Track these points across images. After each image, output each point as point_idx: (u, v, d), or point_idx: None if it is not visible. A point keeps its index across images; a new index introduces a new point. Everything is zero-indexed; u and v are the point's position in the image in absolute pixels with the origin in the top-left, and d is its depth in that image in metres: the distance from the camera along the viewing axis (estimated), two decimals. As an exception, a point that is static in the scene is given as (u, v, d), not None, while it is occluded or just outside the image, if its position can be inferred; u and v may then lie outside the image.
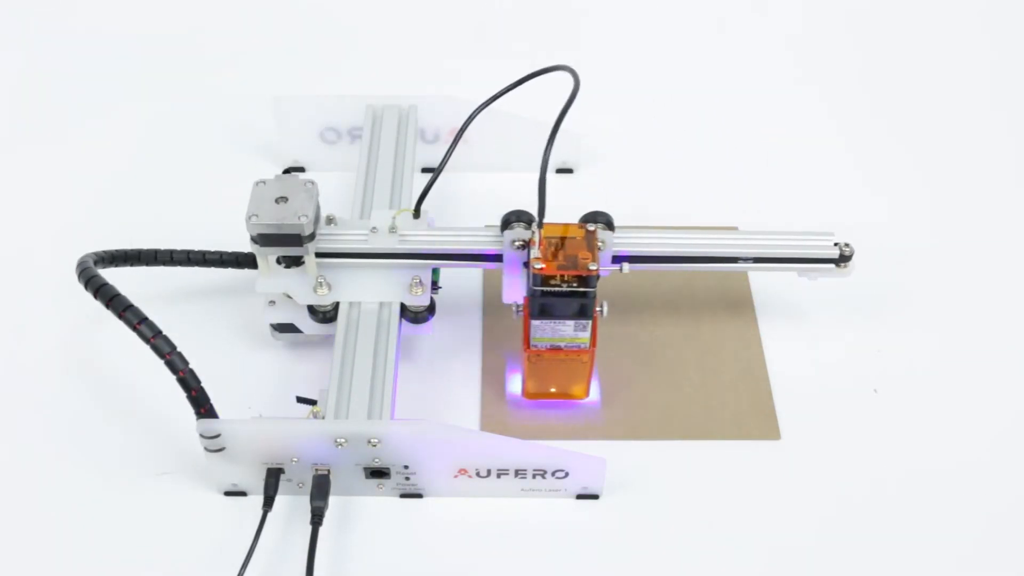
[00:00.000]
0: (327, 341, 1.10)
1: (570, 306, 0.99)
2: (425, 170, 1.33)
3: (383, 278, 1.09)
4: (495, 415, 1.08)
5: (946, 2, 1.57)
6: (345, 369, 1.02)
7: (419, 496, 1.02)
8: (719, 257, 1.08)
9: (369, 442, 0.96)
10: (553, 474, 1.00)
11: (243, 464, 0.99)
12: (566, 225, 1.01)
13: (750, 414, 1.09)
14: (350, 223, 1.10)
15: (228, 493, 1.02)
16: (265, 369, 1.12)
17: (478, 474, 1.00)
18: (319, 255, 1.07)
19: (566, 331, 1.01)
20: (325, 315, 1.08)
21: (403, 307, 1.08)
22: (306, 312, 1.09)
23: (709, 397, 1.10)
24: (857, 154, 1.37)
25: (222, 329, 1.15)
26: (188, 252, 1.11)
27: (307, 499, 0.98)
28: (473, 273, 1.21)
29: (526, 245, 1.03)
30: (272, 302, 1.10)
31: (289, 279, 1.08)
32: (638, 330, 1.16)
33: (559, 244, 0.99)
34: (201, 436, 0.96)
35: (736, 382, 1.12)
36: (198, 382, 0.94)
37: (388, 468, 0.99)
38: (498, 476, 1.00)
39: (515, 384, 1.10)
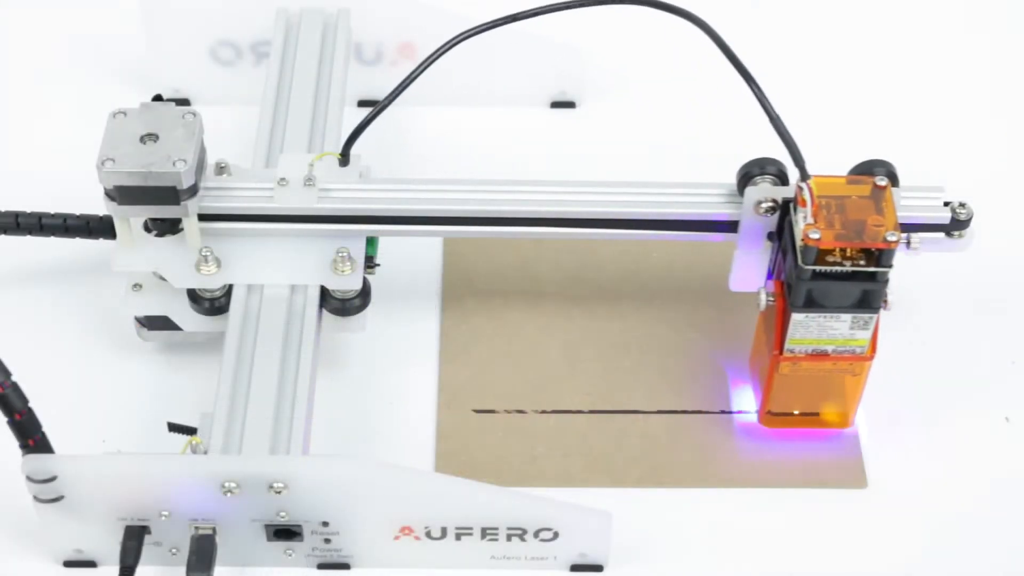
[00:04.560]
0: (215, 342, 1.10)
1: (850, 293, 1.01)
2: (363, 103, 1.35)
3: (295, 251, 1.10)
4: (457, 449, 1.10)
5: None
6: (239, 382, 1.03)
7: (344, 567, 1.02)
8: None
9: (272, 487, 0.95)
10: (537, 535, 1.00)
11: (91, 521, 0.98)
12: (834, 179, 1.03)
13: (823, 451, 1.10)
14: (249, 173, 1.12)
15: (69, 564, 1.02)
16: (126, 382, 1.13)
17: (429, 535, 1.00)
18: (204, 218, 1.08)
19: (839, 329, 1.02)
20: (213, 304, 1.09)
21: (324, 293, 1.09)
22: (185, 300, 1.09)
23: (766, 427, 1.11)
24: (973, 92, 1.39)
25: (67, 325, 1.17)
26: (40, 216, 1.13)
27: (183, 572, 0.97)
28: (428, 244, 1.23)
29: (777, 208, 1.05)
30: (137, 286, 1.11)
31: (161, 252, 1.09)
32: (663, 330, 1.17)
33: (834, 206, 1.00)
34: (29, 479, 0.95)
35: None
36: (25, 402, 0.93)
37: (299, 526, 0.99)
38: (458, 538, 1.00)
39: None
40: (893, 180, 1.06)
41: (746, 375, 1.12)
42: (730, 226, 1.09)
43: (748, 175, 1.07)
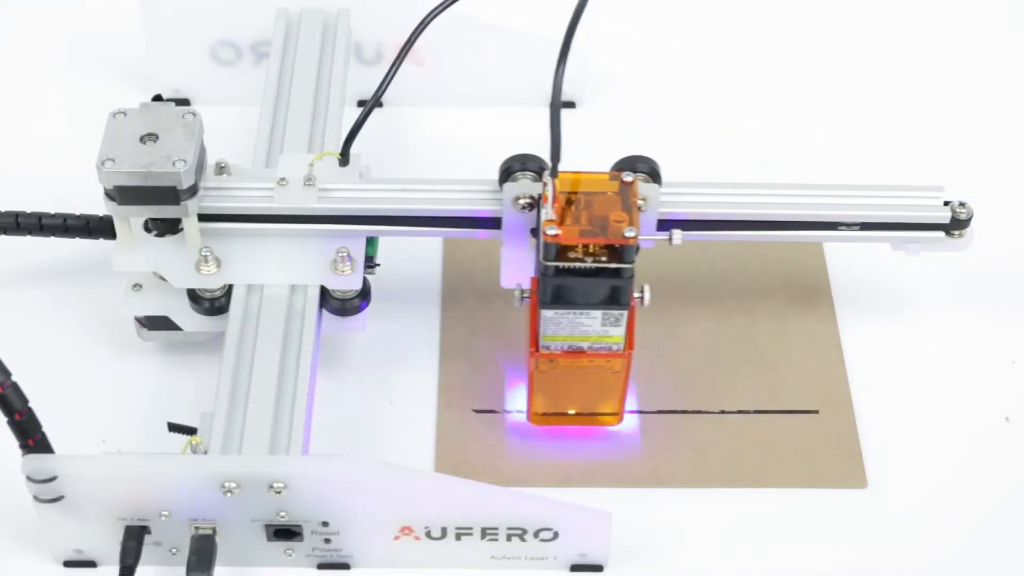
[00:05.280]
0: (215, 342, 1.10)
1: (598, 290, 1.00)
2: (362, 103, 1.34)
3: (296, 251, 1.10)
4: (457, 449, 1.09)
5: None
6: (239, 382, 1.03)
7: (344, 567, 1.02)
8: (824, 223, 1.09)
9: (271, 487, 0.95)
10: (537, 535, 0.99)
11: (91, 521, 0.98)
12: (592, 175, 1.02)
13: (824, 450, 1.09)
14: (249, 173, 1.12)
15: (69, 564, 1.02)
16: (126, 382, 1.13)
17: (428, 535, 0.99)
18: (204, 218, 1.08)
19: (591, 326, 1.00)
20: (213, 304, 1.08)
21: (324, 293, 1.09)
22: (185, 300, 1.09)
23: (767, 426, 1.11)
24: (968, 96, 1.39)
25: (67, 325, 1.16)
26: (40, 216, 1.12)
27: (183, 571, 0.97)
28: (429, 245, 1.22)
29: (535, 204, 1.04)
30: (137, 286, 1.10)
31: (161, 252, 1.09)
32: (670, 329, 1.17)
33: (583, 202, 1.00)
34: (29, 479, 0.94)
35: (805, 402, 1.12)
36: (25, 402, 0.93)
37: (299, 526, 0.98)
38: (458, 537, 1.00)
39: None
40: (654, 177, 1.06)
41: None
42: (495, 223, 1.08)
43: (509, 170, 1.07)
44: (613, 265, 0.98)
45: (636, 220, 0.99)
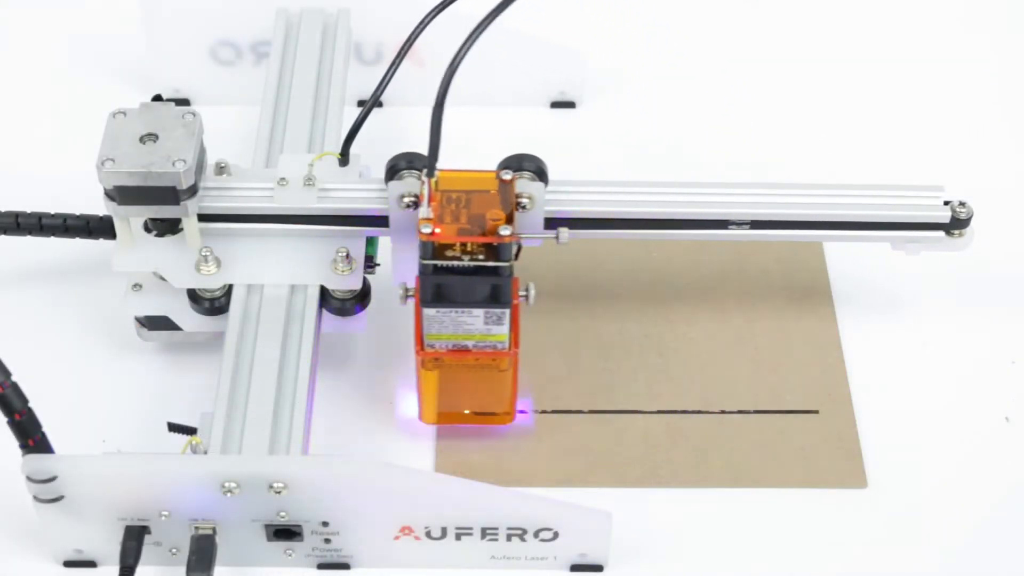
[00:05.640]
0: (215, 342, 1.10)
1: (478, 288, 1.00)
2: (362, 103, 1.32)
3: (295, 251, 1.09)
4: (457, 449, 1.09)
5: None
6: (239, 382, 1.03)
7: (344, 567, 1.02)
8: (714, 220, 1.09)
9: (271, 487, 0.95)
10: (537, 535, 0.99)
11: (91, 521, 0.98)
12: (475, 173, 1.02)
13: (824, 450, 1.09)
14: (249, 173, 1.11)
15: (69, 564, 1.02)
16: (126, 382, 1.13)
17: (429, 535, 0.99)
18: (204, 218, 1.08)
19: (474, 324, 1.01)
20: (213, 304, 1.08)
21: (324, 292, 1.08)
22: (185, 300, 1.09)
23: (767, 426, 1.11)
24: (968, 96, 1.39)
25: (67, 325, 1.16)
26: (40, 216, 1.12)
27: (183, 571, 0.97)
28: None
29: (419, 203, 1.05)
30: (137, 286, 1.10)
31: (161, 252, 1.09)
32: (665, 330, 1.16)
33: (463, 200, 1.00)
34: (29, 479, 0.94)
35: (805, 402, 1.12)
36: (25, 402, 0.93)
37: (299, 526, 0.98)
38: (458, 538, 0.99)
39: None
40: (540, 175, 1.06)
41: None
42: (385, 221, 1.08)
43: (395, 168, 1.07)
44: (491, 263, 0.98)
45: (512, 217, 0.99)
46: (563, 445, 1.09)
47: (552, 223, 1.07)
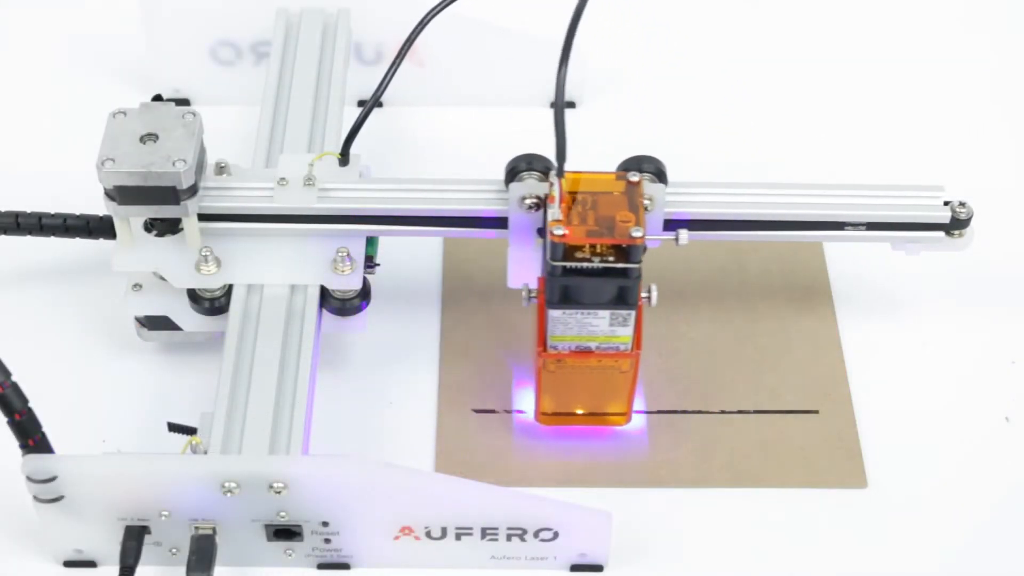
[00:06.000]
0: (215, 342, 1.10)
1: (605, 290, 1.00)
2: (362, 103, 1.34)
3: (295, 251, 1.09)
4: (457, 449, 1.09)
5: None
6: (239, 382, 1.03)
7: (344, 567, 1.02)
8: (831, 222, 1.09)
9: (271, 487, 0.95)
10: (537, 535, 0.99)
11: (91, 521, 0.98)
12: (597, 175, 1.02)
13: (824, 450, 1.09)
14: (249, 173, 1.12)
15: (69, 564, 1.02)
16: (126, 382, 1.13)
17: (429, 535, 0.99)
18: (204, 218, 1.08)
19: (599, 326, 1.00)
20: (213, 304, 1.08)
21: (324, 292, 1.08)
22: (185, 300, 1.09)
23: (767, 426, 1.11)
24: (968, 96, 1.39)
25: (67, 325, 1.16)
26: (40, 216, 1.12)
27: (183, 571, 0.97)
28: (429, 245, 1.22)
29: (542, 204, 1.04)
30: (137, 286, 1.10)
31: (161, 252, 1.09)
32: (665, 330, 1.16)
33: (589, 202, 1.00)
34: (29, 479, 0.94)
35: (804, 402, 1.12)
36: (25, 402, 0.93)
37: (299, 526, 0.98)
38: (458, 537, 0.99)
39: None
40: (660, 177, 1.06)
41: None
42: (501, 222, 1.08)
43: (515, 170, 1.07)
44: (620, 265, 0.98)
45: (643, 220, 0.99)
46: (565, 445, 1.09)
47: (671, 224, 1.07)
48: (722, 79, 1.39)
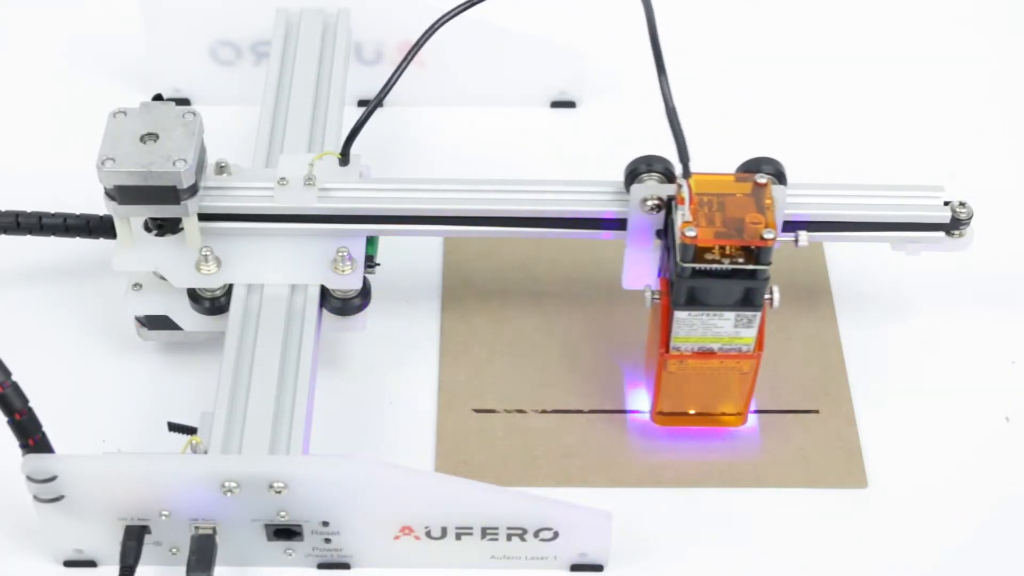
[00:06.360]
0: (215, 342, 1.10)
1: (732, 291, 1.00)
2: (363, 103, 1.34)
3: (295, 251, 1.10)
4: (457, 449, 1.09)
5: None
6: (239, 382, 1.03)
7: (345, 567, 1.02)
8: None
9: (272, 487, 0.95)
10: (537, 535, 0.99)
11: (91, 520, 0.98)
12: (717, 177, 1.02)
13: (824, 450, 1.09)
14: (250, 173, 1.12)
15: (69, 563, 1.02)
16: (126, 382, 1.13)
17: (429, 534, 0.99)
18: (204, 217, 1.08)
19: (724, 327, 1.01)
20: (213, 303, 1.09)
21: (324, 292, 1.09)
22: (185, 299, 1.09)
23: (767, 426, 1.11)
24: (968, 96, 1.39)
25: (67, 325, 1.17)
26: (40, 216, 1.12)
27: (183, 571, 0.97)
28: (429, 245, 1.22)
29: (663, 206, 1.05)
30: (137, 285, 1.11)
31: (161, 252, 1.09)
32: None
33: (715, 203, 1.00)
34: (29, 479, 0.94)
35: (805, 402, 1.12)
36: (25, 401, 0.93)
37: (300, 526, 0.98)
38: (458, 537, 0.99)
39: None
40: (780, 178, 1.06)
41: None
42: (619, 224, 1.08)
43: (635, 172, 1.06)
44: (750, 267, 0.98)
45: (773, 222, 0.99)
46: (563, 445, 1.09)
47: (789, 226, 1.07)
48: (722, 79, 1.38)
